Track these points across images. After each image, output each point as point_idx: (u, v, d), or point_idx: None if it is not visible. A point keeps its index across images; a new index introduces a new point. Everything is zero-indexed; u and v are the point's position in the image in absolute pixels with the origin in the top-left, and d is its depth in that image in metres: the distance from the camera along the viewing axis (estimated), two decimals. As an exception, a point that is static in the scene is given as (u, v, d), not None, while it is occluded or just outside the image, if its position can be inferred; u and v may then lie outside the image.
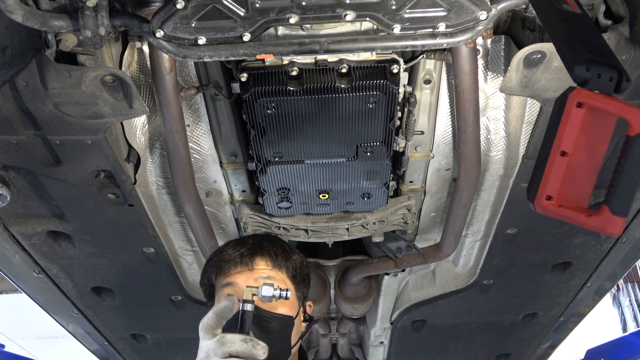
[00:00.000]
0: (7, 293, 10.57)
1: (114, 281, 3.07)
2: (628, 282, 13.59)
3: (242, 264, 1.84)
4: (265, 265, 1.86)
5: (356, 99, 2.00)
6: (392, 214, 2.75)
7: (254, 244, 1.89)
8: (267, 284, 1.61)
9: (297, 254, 1.97)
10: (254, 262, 1.84)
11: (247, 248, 1.87)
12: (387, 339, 4.14)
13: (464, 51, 1.93)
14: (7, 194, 2.23)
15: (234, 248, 1.88)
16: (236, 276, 1.83)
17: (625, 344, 4.82)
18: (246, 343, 1.43)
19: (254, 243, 1.90)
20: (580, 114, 1.18)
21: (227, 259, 1.86)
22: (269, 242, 1.93)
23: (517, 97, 2.25)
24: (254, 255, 1.85)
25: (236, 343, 1.43)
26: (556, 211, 1.23)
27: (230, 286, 1.82)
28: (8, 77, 1.80)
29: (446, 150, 2.50)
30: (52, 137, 2.04)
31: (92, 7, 1.61)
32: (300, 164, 2.29)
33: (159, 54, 1.88)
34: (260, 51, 1.73)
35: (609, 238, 2.87)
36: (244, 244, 1.90)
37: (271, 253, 1.91)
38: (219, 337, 1.46)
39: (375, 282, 3.55)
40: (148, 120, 2.27)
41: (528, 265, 3.12)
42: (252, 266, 1.84)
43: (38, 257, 2.77)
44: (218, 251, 1.93)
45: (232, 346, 1.43)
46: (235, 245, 1.90)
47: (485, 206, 2.76)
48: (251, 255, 1.85)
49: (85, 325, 3.52)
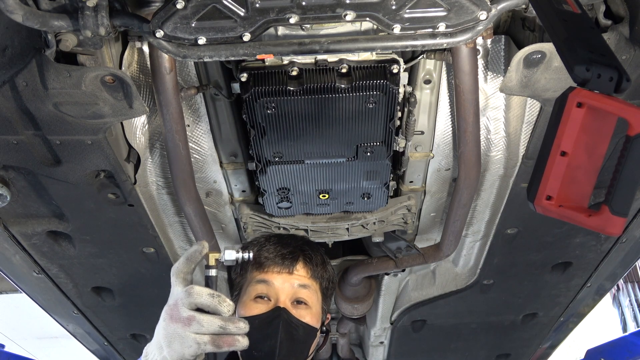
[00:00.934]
0: (7, 293, 10.57)
1: (114, 281, 3.07)
2: (628, 282, 13.59)
3: (283, 265, 1.83)
4: (305, 273, 1.86)
5: (356, 99, 2.00)
6: (392, 214, 2.75)
7: (296, 247, 1.87)
8: (228, 248, 1.63)
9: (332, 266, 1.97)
10: (295, 267, 1.83)
11: (289, 250, 1.85)
12: (387, 339, 4.14)
13: (464, 51, 1.93)
14: (7, 194, 2.23)
15: (276, 247, 1.86)
16: (274, 275, 1.82)
17: (625, 344, 4.82)
18: (213, 297, 1.46)
19: (296, 246, 1.88)
20: (580, 114, 1.18)
21: (269, 256, 1.84)
22: (311, 249, 1.92)
23: (517, 97, 2.25)
24: (297, 260, 1.84)
25: (203, 295, 1.46)
26: (556, 211, 1.23)
27: (265, 283, 1.80)
28: (8, 77, 1.79)
29: (446, 150, 2.50)
30: (52, 137, 2.04)
31: (92, 7, 1.61)
32: (300, 164, 2.29)
33: (159, 54, 1.88)
34: (260, 51, 1.73)
35: (609, 238, 2.87)
36: (287, 245, 1.88)
37: (313, 262, 1.91)
38: (187, 287, 1.49)
39: (375, 282, 3.55)
40: (148, 120, 2.27)
41: (528, 265, 3.12)
42: (292, 270, 1.83)
43: (38, 257, 2.77)
44: (258, 245, 1.89)
45: (199, 298, 1.46)
46: (277, 244, 1.87)
47: (485, 206, 2.76)
48: (294, 260, 1.84)
49: (85, 325, 3.52)
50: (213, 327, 1.44)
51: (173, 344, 1.44)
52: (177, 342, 1.44)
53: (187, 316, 1.44)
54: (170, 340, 1.45)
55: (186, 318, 1.44)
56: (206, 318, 1.44)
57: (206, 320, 1.44)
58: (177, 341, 1.44)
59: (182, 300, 1.48)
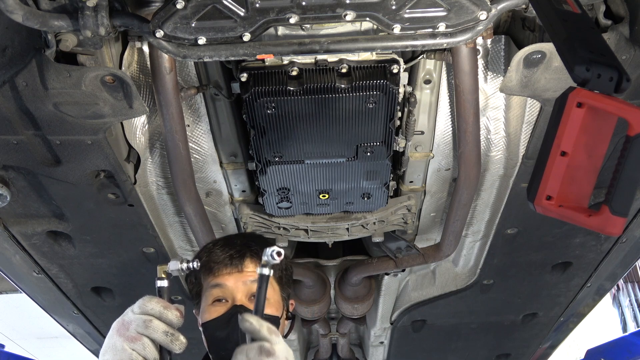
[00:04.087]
0: (7, 293, 10.56)
1: (114, 281, 3.07)
2: (628, 282, 13.58)
3: (231, 265, 1.85)
4: (254, 267, 1.87)
5: (356, 99, 2.00)
6: (392, 214, 2.75)
7: (242, 245, 1.89)
8: (174, 260, 1.67)
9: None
10: (244, 265, 1.85)
11: (236, 250, 1.87)
12: (387, 339, 4.14)
13: (464, 51, 1.93)
14: (7, 194, 2.23)
15: (223, 249, 1.89)
16: (225, 277, 1.84)
17: (625, 344, 4.82)
18: (159, 304, 1.55)
19: (242, 244, 1.90)
20: (580, 114, 1.18)
21: (217, 260, 1.86)
22: (256, 243, 1.94)
23: (517, 97, 2.25)
24: (244, 258, 1.86)
25: (153, 302, 1.55)
26: (556, 211, 1.23)
27: (219, 287, 1.83)
28: (8, 77, 1.79)
29: (446, 150, 2.50)
30: (52, 137, 2.04)
31: (92, 7, 1.61)
32: (300, 164, 2.29)
33: (159, 54, 1.88)
34: (260, 51, 1.73)
35: (609, 238, 2.87)
36: (233, 245, 1.90)
37: (260, 255, 1.92)
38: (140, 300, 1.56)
39: (375, 282, 3.55)
40: (148, 120, 2.27)
41: (528, 265, 3.12)
42: (242, 268, 1.85)
43: (38, 257, 2.77)
44: (207, 251, 1.93)
45: (149, 304, 1.54)
46: (224, 246, 1.90)
47: (485, 206, 2.76)
48: (241, 258, 1.86)
49: (85, 325, 3.52)
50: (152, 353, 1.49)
51: (107, 354, 1.51)
52: (110, 353, 1.50)
53: (134, 335, 1.50)
54: (105, 350, 1.52)
55: (133, 337, 1.50)
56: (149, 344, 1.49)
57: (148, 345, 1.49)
58: (111, 351, 1.50)
59: (132, 308, 1.56)
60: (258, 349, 1.40)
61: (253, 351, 1.40)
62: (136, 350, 1.48)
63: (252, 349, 1.41)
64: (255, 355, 1.40)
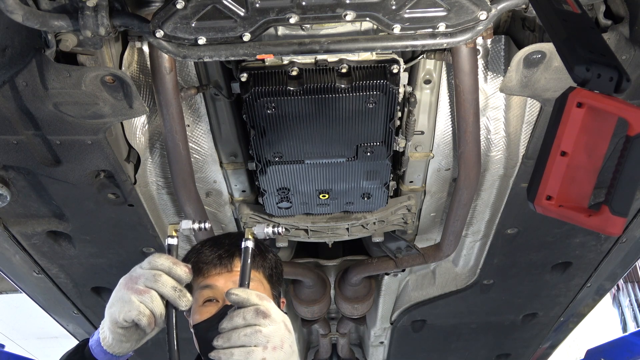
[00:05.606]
0: (7, 293, 10.56)
1: (114, 281, 3.03)
2: (628, 282, 13.58)
3: (221, 265, 1.84)
4: None
5: (356, 99, 2.00)
6: (392, 214, 2.75)
7: (231, 245, 1.89)
8: (186, 219, 1.66)
9: (272, 253, 1.98)
10: (233, 264, 1.84)
11: (225, 250, 1.86)
12: (387, 339, 4.14)
13: (464, 51, 1.93)
14: (7, 194, 2.23)
15: (211, 249, 1.88)
16: (215, 278, 1.82)
17: (625, 344, 4.82)
18: (168, 260, 1.51)
19: (231, 244, 1.89)
20: (580, 114, 1.18)
21: (206, 260, 1.85)
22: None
23: (517, 97, 2.25)
24: (233, 257, 1.84)
25: (162, 258, 1.52)
26: (556, 211, 1.23)
27: (209, 288, 1.82)
28: (8, 77, 1.79)
29: (446, 150, 2.50)
30: (52, 137, 2.04)
31: (92, 7, 1.61)
32: (300, 164, 2.29)
33: (159, 54, 1.88)
34: (260, 51, 1.73)
35: (609, 238, 2.87)
36: (221, 244, 1.89)
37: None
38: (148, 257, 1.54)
39: (375, 282, 3.55)
40: (148, 120, 2.27)
41: (528, 265, 3.12)
42: (231, 267, 1.83)
43: (38, 257, 2.77)
44: (195, 251, 1.92)
45: (159, 259, 1.51)
46: (213, 246, 1.89)
47: (485, 206, 2.76)
48: (230, 257, 1.84)
49: (85, 325, 3.52)
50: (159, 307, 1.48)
51: (114, 307, 1.50)
52: (118, 305, 1.50)
53: (142, 289, 1.48)
54: (112, 303, 1.52)
55: (141, 290, 1.48)
56: (157, 297, 1.48)
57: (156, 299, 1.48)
58: (119, 303, 1.49)
59: (141, 264, 1.53)
60: (254, 311, 1.40)
61: (250, 313, 1.39)
62: (144, 302, 1.47)
63: (249, 311, 1.40)
64: (252, 317, 1.39)
